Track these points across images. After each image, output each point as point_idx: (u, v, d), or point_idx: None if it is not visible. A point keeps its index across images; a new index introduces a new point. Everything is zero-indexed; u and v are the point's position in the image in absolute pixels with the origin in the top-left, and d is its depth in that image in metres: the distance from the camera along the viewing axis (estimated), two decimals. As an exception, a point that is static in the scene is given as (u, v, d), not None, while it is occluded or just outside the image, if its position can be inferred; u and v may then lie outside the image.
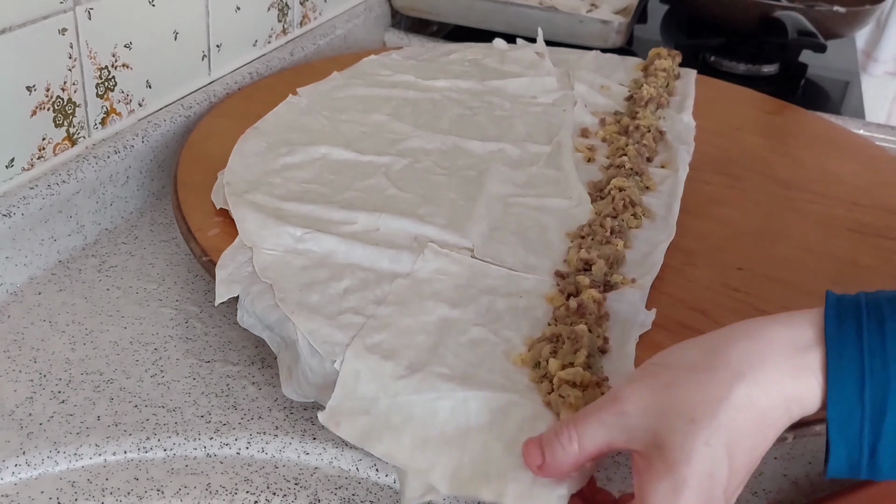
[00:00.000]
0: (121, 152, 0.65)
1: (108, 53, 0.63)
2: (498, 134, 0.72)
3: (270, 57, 0.84)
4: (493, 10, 1.00)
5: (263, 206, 0.57)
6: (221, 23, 0.76)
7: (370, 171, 0.64)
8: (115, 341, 0.55)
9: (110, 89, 0.64)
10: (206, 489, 0.45)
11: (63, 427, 0.48)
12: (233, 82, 0.78)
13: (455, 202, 0.61)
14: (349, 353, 0.45)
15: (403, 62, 0.85)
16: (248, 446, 0.48)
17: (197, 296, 0.59)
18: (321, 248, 0.54)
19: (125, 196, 0.67)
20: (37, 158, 0.59)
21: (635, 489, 0.36)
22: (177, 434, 0.48)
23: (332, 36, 0.93)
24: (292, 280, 0.51)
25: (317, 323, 0.47)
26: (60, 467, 0.46)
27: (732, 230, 0.62)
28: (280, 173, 0.62)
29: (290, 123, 0.70)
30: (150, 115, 0.69)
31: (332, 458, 0.48)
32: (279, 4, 0.84)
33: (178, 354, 0.54)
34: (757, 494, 0.48)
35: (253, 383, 0.52)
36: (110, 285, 0.60)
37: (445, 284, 0.51)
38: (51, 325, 0.55)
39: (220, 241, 0.55)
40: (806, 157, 0.75)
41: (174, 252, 0.64)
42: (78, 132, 0.62)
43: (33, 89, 0.57)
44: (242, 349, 0.55)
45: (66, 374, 0.51)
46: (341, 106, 0.75)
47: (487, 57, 0.88)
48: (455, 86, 0.80)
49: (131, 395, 0.50)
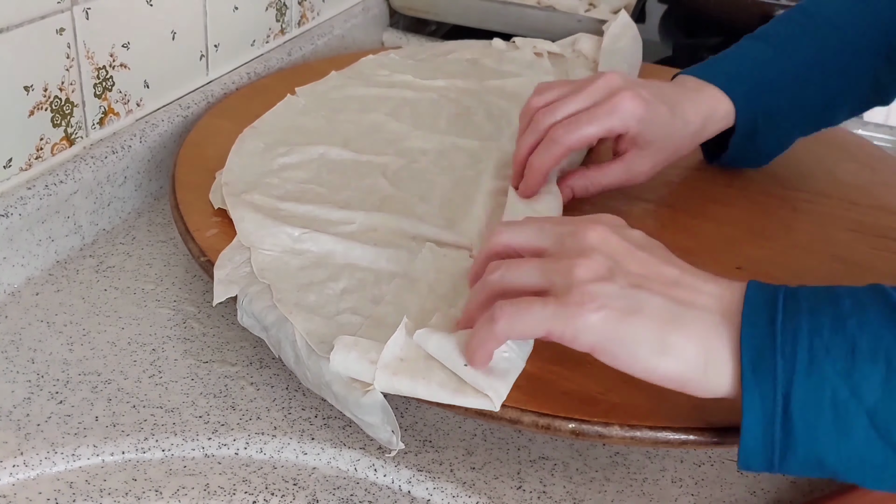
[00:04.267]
0: (118, 152, 0.65)
1: (105, 53, 0.63)
2: (496, 133, 0.72)
3: (268, 57, 0.83)
4: (492, 10, 1.00)
5: (261, 207, 0.57)
6: (219, 23, 0.76)
7: (368, 170, 0.64)
8: (113, 342, 0.54)
9: (108, 89, 0.64)
10: (205, 489, 0.45)
11: (61, 428, 0.48)
12: (231, 82, 0.78)
13: (453, 201, 0.61)
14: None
15: (401, 62, 0.85)
16: (247, 447, 0.48)
17: (195, 296, 0.59)
18: (319, 248, 0.54)
19: (123, 196, 0.66)
20: (34, 159, 0.59)
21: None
22: (175, 434, 0.48)
23: (330, 36, 0.93)
24: (290, 280, 0.51)
25: (315, 323, 0.47)
26: (58, 468, 0.46)
27: (731, 229, 0.62)
28: (278, 173, 0.62)
29: (288, 123, 0.70)
30: (147, 116, 0.69)
31: (330, 458, 0.48)
32: (277, 4, 0.84)
33: (177, 355, 0.54)
34: (756, 494, 0.48)
35: (251, 384, 0.52)
36: (108, 286, 0.59)
37: (444, 284, 0.51)
38: (48, 326, 0.55)
39: (218, 241, 0.55)
40: (804, 157, 0.75)
41: (172, 252, 0.64)
42: (76, 132, 0.62)
43: (31, 89, 0.57)
44: (241, 350, 0.55)
45: (63, 375, 0.51)
46: (339, 106, 0.74)
47: (485, 56, 0.88)
48: (453, 85, 0.80)
49: (129, 395, 0.50)
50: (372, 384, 0.43)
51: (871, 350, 0.36)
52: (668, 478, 0.48)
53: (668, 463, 0.49)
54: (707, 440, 0.43)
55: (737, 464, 0.39)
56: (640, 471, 0.49)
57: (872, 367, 0.36)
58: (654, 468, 0.49)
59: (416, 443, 0.49)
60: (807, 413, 0.37)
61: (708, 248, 0.59)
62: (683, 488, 0.48)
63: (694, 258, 0.57)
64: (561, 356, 0.47)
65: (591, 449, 0.50)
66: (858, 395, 0.36)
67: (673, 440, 0.43)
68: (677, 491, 0.48)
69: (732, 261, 0.57)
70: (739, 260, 0.58)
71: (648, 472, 0.49)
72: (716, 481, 0.48)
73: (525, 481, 0.47)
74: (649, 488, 0.48)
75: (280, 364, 0.53)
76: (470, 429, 0.50)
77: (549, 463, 0.49)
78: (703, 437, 0.43)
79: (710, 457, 0.50)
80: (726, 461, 0.50)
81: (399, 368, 0.43)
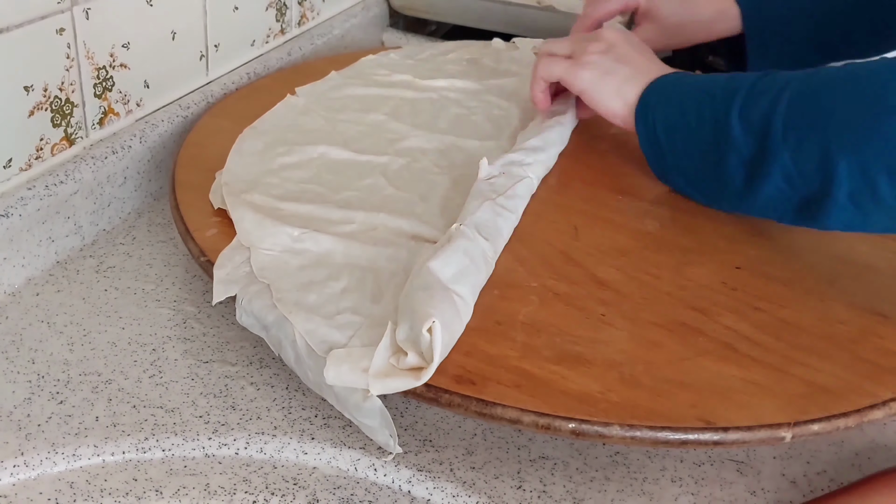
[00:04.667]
0: (118, 153, 0.65)
1: (105, 53, 0.63)
2: (496, 133, 0.72)
3: (268, 57, 0.83)
4: (491, 10, 1.00)
5: (261, 206, 0.57)
6: (219, 23, 0.76)
7: (368, 170, 0.64)
8: (114, 342, 0.54)
9: (108, 89, 0.64)
10: (205, 489, 0.45)
11: (61, 428, 0.48)
12: (230, 82, 0.78)
13: (453, 201, 0.61)
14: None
15: (401, 62, 0.85)
16: (247, 446, 0.48)
17: (195, 296, 0.59)
18: (319, 247, 0.54)
19: (123, 197, 0.66)
20: (35, 159, 0.59)
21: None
22: (175, 434, 0.48)
23: (330, 35, 0.93)
24: (290, 280, 0.51)
25: (314, 323, 0.47)
26: (59, 468, 0.46)
27: (731, 229, 0.62)
28: (278, 173, 0.62)
29: (288, 123, 0.70)
30: (147, 116, 0.69)
31: (330, 457, 0.48)
32: (277, 4, 0.84)
33: (177, 355, 0.54)
34: (755, 494, 0.48)
35: (251, 383, 0.52)
36: (108, 286, 0.59)
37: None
38: (49, 326, 0.55)
39: (218, 241, 0.55)
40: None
41: (172, 252, 0.64)
42: (76, 132, 0.62)
43: (31, 89, 0.57)
44: (241, 349, 0.55)
45: (64, 375, 0.51)
46: (339, 106, 0.74)
47: (485, 56, 0.88)
48: (453, 85, 0.80)
49: (129, 395, 0.50)
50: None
51: (695, 105, 0.59)
52: (668, 477, 0.48)
53: (668, 463, 0.49)
54: (707, 440, 0.43)
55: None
56: (640, 470, 0.49)
57: (696, 111, 0.58)
58: (654, 468, 0.49)
59: (416, 442, 0.49)
60: (665, 119, 0.61)
61: (708, 247, 0.59)
62: (683, 488, 0.48)
63: (694, 258, 0.58)
64: (561, 356, 0.47)
65: (591, 448, 0.50)
66: (686, 121, 0.59)
67: (673, 440, 0.43)
68: (677, 490, 0.48)
69: (732, 261, 0.57)
70: (739, 260, 0.58)
71: (648, 472, 0.49)
72: (716, 481, 0.48)
73: (525, 481, 0.47)
74: (649, 488, 0.48)
75: (280, 364, 0.53)
76: (470, 428, 0.50)
77: (549, 462, 0.49)
78: (703, 436, 0.43)
79: (710, 457, 0.50)
80: (726, 461, 0.50)
81: (391, 372, 0.43)
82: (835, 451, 0.51)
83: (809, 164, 0.51)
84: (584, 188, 0.65)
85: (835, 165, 0.50)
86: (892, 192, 0.48)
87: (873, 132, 0.48)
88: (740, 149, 0.55)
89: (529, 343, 0.48)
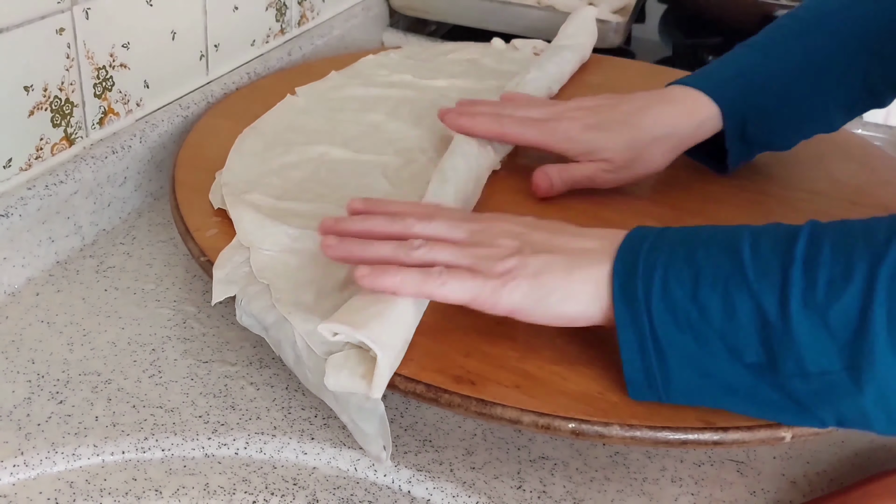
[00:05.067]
0: (118, 153, 0.65)
1: (105, 53, 0.63)
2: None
3: (268, 57, 0.83)
4: (491, 10, 1.00)
5: (261, 206, 0.57)
6: (219, 23, 0.76)
7: (368, 170, 0.64)
8: (113, 342, 0.54)
9: (108, 89, 0.64)
10: (205, 489, 0.45)
11: (61, 428, 0.48)
12: (231, 82, 0.78)
13: (453, 202, 0.61)
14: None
15: (401, 62, 0.85)
16: (247, 446, 0.48)
17: (195, 296, 0.59)
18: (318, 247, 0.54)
19: (123, 197, 0.66)
20: (34, 159, 0.59)
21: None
22: (175, 434, 0.48)
23: (330, 36, 0.93)
24: (289, 280, 0.51)
25: (314, 323, 0.47)
26: (58, 468, 0.46)
27: (731, 229, 0.62)
28: (278, 173, 0.62)
29: (288, 123, 0.70)
30: (147, 116, 0.69)
31: (330, 457, 0.48)
32: (277, 4, 0.84)
33: (176, 355, 0.54)
34: (755, 494, 0.48)
35: (251, 383, 0.52)
36: (108, 286, 0.59)
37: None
38: (49, 326, 0.55)
39: (218, 241, 0.55)
40: (804, 157, 0.75)
41: (172, 252, 0.64)
42: (76, 132, 0.62)
43: (31, 89, 0.57)
44: (240, 349, 0.55)
45: (63, 375, 0.51)
46: (339, 105, 0.74)
47: (485, 56, 0.88)
48: (453, 85, 0.80)
49: (129, 395, 0.50)
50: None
51: (711, 276, 0.41)
52: (668, 478, 0.48)
53: (668, 463, 0.49)
54: (707, 440, 0.43)
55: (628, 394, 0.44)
56: (640, 470, 0.49)
57: (711, 292, 0.40)
58: (654, 468, 0.49)
59: (416, 443, 0.49)
60: (669, 333, 0.41)
61: (708, 247, 0.59)
62: (683, 488, 0.48)
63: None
64: (561, 356, 0.47)
65: (591, 449, 0.50)
66: (707, 318, 0.40)
67: (673, 440, 0.43)
68: (677, 491, 0.48)
69: (732, 261, 0.57)
70: (739, 260, 0.58)
71: (648, 472, 0.49)
72: (716, 481, 0.48)
73: (525, 481, 0.47)
74: (649, 488, 0.48)
75: (280, 364, 0.53)
76: (470, 429, 0.50)
77: (549, 463, 0.49)
78: (703, 436, 0.43)
79: (710, 457, 0.50)
80: (726, 461, 0.50)
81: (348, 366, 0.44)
82: (835, 451, 0.51)
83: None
84: (584, 188, 0.65)
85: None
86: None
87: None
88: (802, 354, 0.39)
89: (529, 343, 0.48)
